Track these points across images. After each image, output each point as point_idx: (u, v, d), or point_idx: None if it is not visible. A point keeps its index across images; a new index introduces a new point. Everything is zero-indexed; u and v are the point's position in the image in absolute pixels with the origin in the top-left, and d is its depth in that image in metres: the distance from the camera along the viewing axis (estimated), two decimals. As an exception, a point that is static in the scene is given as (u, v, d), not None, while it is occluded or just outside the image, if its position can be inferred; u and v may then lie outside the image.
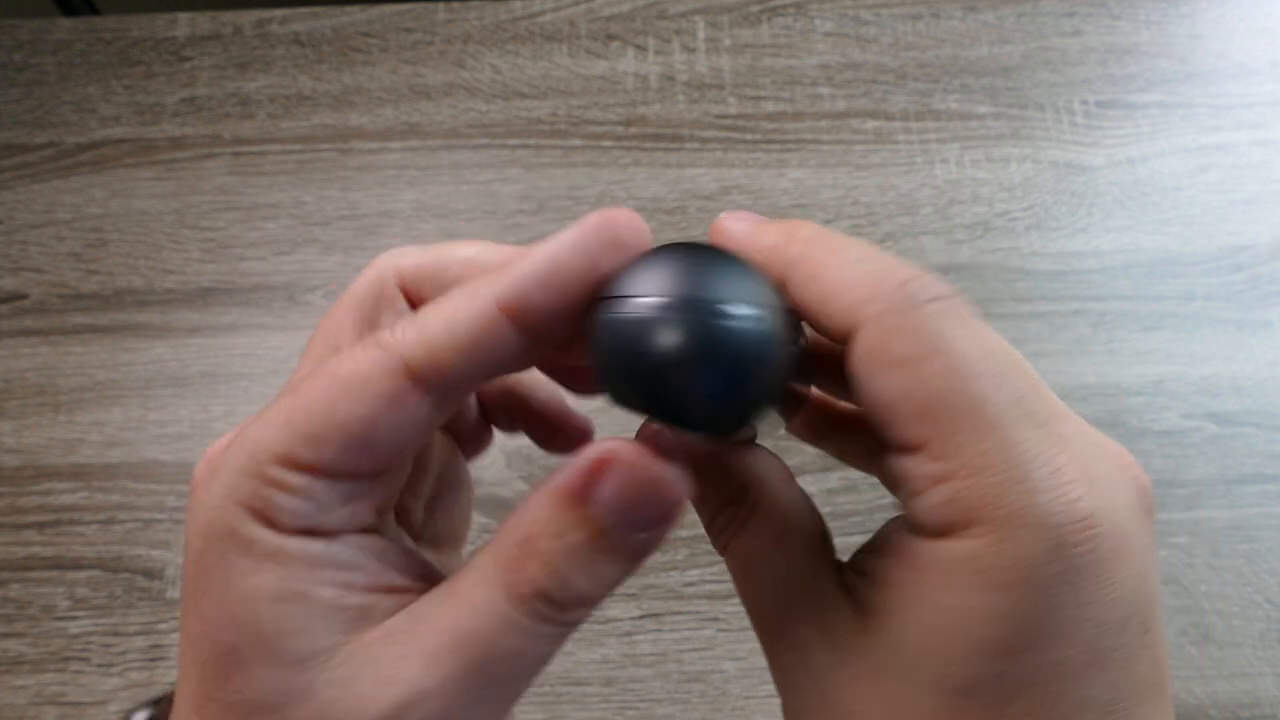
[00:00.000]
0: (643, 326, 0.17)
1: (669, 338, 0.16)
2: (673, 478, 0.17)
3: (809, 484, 0.48)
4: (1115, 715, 0.16)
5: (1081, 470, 0.16)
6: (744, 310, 0.17)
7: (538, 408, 0.24)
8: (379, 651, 0.16)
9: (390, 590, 0.17)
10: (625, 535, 0.17)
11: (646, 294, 0.17)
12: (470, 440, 0.24)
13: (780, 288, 0.18)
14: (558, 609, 0.17)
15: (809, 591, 0.18)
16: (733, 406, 0.17)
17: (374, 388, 0.16)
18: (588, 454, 0.16)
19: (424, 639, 0.16)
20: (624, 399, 0.18)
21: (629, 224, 0.17)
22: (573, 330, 0.18)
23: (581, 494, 0.16)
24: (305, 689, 0.16)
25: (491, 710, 0.17)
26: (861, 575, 0.18)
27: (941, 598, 0.16)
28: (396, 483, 0.19)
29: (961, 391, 0.16)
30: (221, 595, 0.16)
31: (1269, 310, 0.52)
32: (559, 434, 0.25)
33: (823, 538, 0.20)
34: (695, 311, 0.16)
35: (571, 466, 0.17)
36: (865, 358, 0.17)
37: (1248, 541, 0.47)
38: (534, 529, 0.17)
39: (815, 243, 0.18)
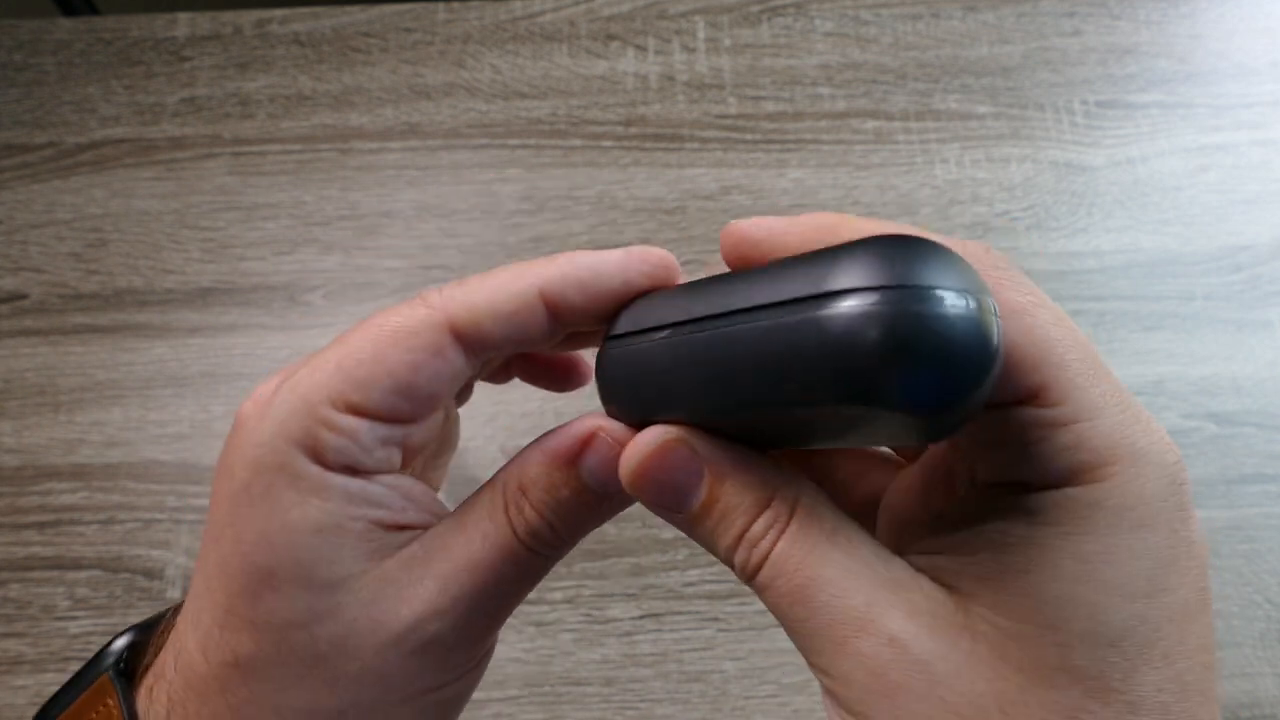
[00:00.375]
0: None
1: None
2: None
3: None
4: (1210, 658, 0.16)
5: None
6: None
7: (545, 355, 0.26)
8: (398, 576, 0.19)
9: (408, 526, 0.20)
10: (603, 495, 0.20)
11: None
12: (460, 391, 0.26)
13: None
14: (546, 545, 0.20)
15: (885, 582, 0.17)
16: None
17: (421, 339, 0.19)
18: (578, 427, 0.20)
19: (438, 565, 0.19)
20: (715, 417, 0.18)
21: (662, 262, 0.20)
22: (593, 328, 0.21)
23: (571, 459, 0.20)
24: (333, 609, 0.18)
25: (488, 625, 0.20)
26: (934, 555, 0.17)
27: (1080, 544, 0.15)
28: (428, 431, 0.20)
29: (1075, 336, 0.16)
30: (264, 523, 0.18)
31: (1269, 310, 0.52)
32: (563, 375, 0.27)
33: (870, 526, 0.19)
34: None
35: (564, 433, 0.20)
36: None
37: (1248, 541, 0.47)
38: (531, 480, 0.20)
39: (866, 223, 0.18)
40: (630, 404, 0.20)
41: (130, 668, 0.21)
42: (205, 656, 0.19)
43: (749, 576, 0.18)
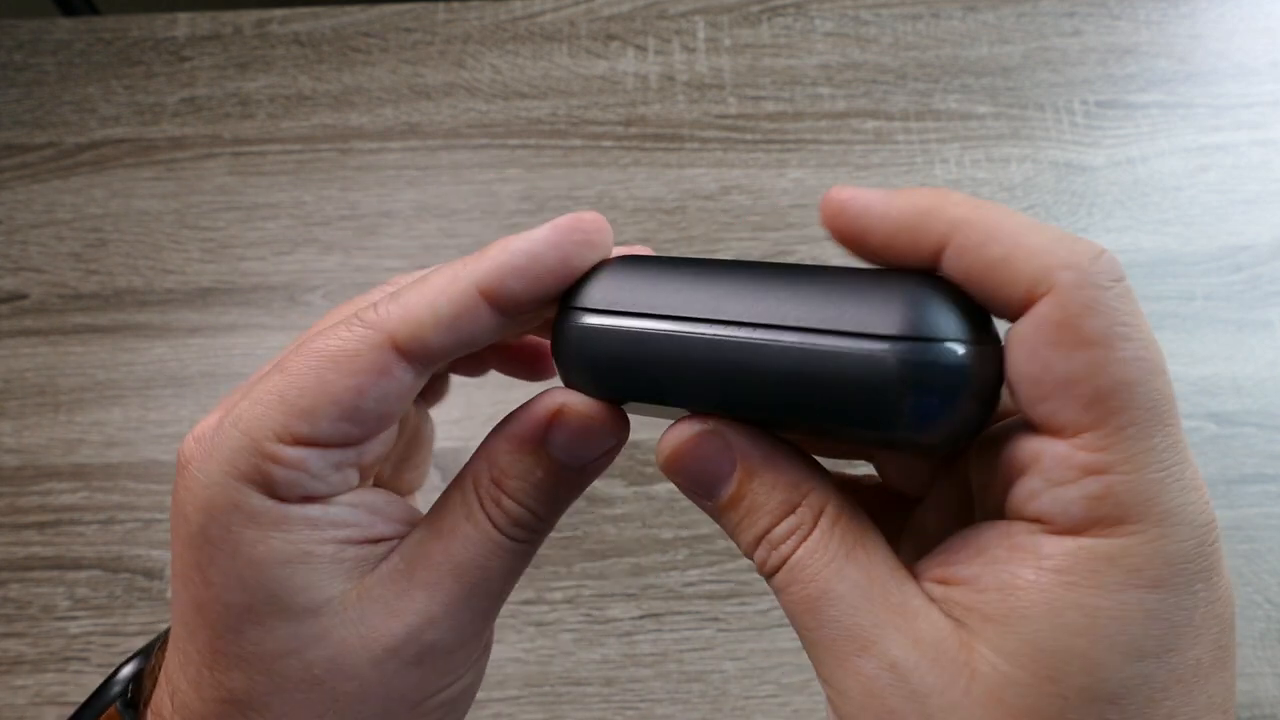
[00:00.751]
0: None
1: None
2: (612, 420, 0.20)
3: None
4: (1228, 715, 0.16)
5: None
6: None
7: (516, 344, 0.26)
8: (382, 591, 0.19)
9: (380, 539, 0.20)
10: (578, 469, 0.20)
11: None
12: (431, 391, 0.25)
13: (930, 253, 0.17)
14: (529, 531, 0.20)
15: (895, 607, 0.16)
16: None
17: (362, 361, 0.18)
18: (540, 407, 0.19)
19: (422, 574, 0.19)
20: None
21: (594, 226, 0.19)
22: (539, 313, 0.20)
23: (539, 440, 0.19)
24: (321, 633, 0.18)
25: (484, 621, 0.20)
26: (948, 584, 0.17)
27: (1087, 598, 0.15)
28: (383, 446, 0.20)
29: (1150, 381, 0.15)
30: (229, 563, 0.18)
31: (1269, 310, 0.52)
32: (530, 363, 0.26)
33: (892, 546, 0.19)
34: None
35: (527, 416, 0.19)
36: (1053, 328, 0.15)
37: (1248, 541, 0.47)
38: (502, 469, 0.20)
39: (982, 206, 0.17)
40: (607, 383, 0.19)
41: (135, 699, 0.21)
42: (200, 695, 0.19)
43: (766, 575, 0.18)
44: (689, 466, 0.19)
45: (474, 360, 0.25)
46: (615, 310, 0.19)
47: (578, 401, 0.19)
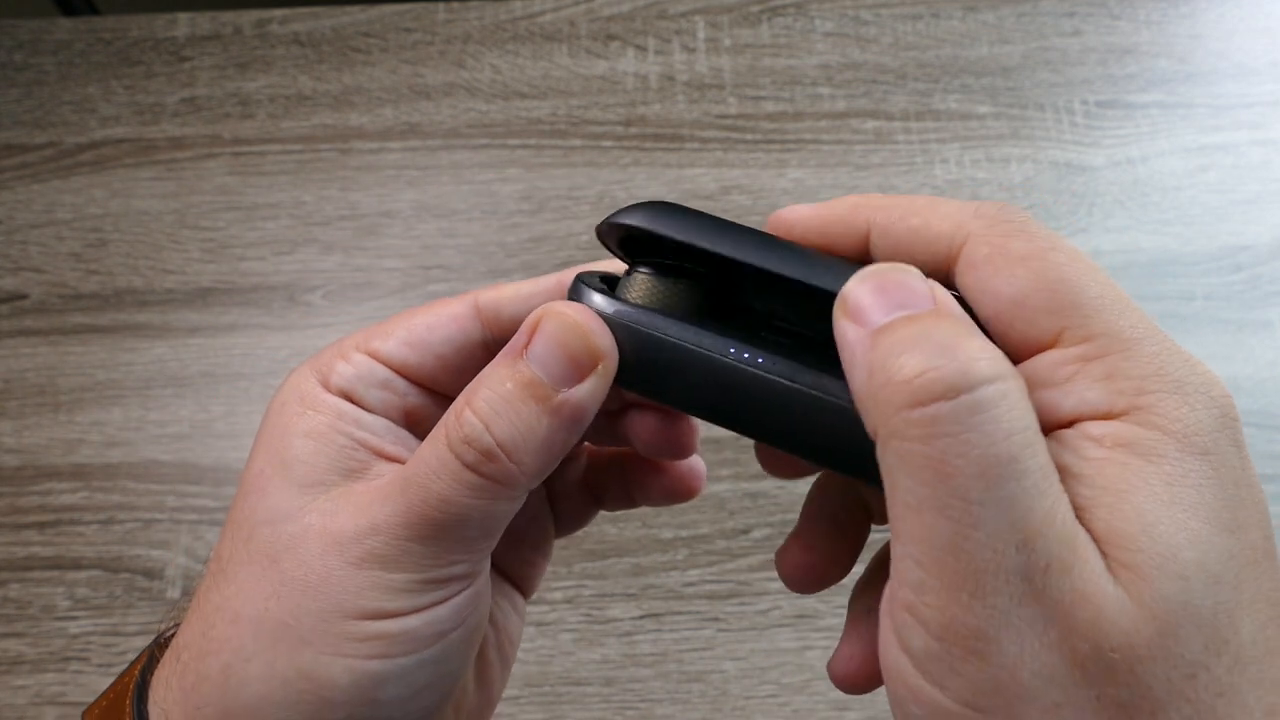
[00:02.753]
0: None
1: None
2: (599, 331, 0.19)
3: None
4: (1276, 609, 0.15)
5: None
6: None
7: (646, 459, 0.26)
8: (359, 494, 0.20)
9: (393, 458, 0.21)
10: (550, 387, 0.19)
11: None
12: (570, 517, 0.27)
13: (859, 238, 0.19)
14: (483, 457, 0.18)
15: (1062, 501, 0.15)
16: None
17: (446, 307, 0.22)
18: (533, 313, 0.19)
19: (388, 483, 0.20)
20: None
21: None
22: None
23: (519, 348, 0.19)
24: (298, 510, 0.20)
25: (432, 552, 0.19)
26: None
27: (1161, 468, 0.15)
28: (426, 407, 0.22)
29: (1093, 275, 0.16)
30: (270, 431, 0.21)
31: (1269, 310, 0.52)
32: (679, 483, 0.26)
33: None
34: None
35: (521, 325, 0.19)
36: (984, 262, 0.17)
37: (1248, 541, 0.47)
38: (479, 383, 0.19)
39: (897, 195, 0.19)
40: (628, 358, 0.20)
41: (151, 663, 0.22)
42: (206, 564, 0.21)
43: (934, 395, 0.15)
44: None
45: (623, 494, 0.26)
46: (639, 304, 0.20)
47: (564, 306, 0.19)
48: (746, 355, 0.18)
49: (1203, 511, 0.14)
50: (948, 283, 0.17)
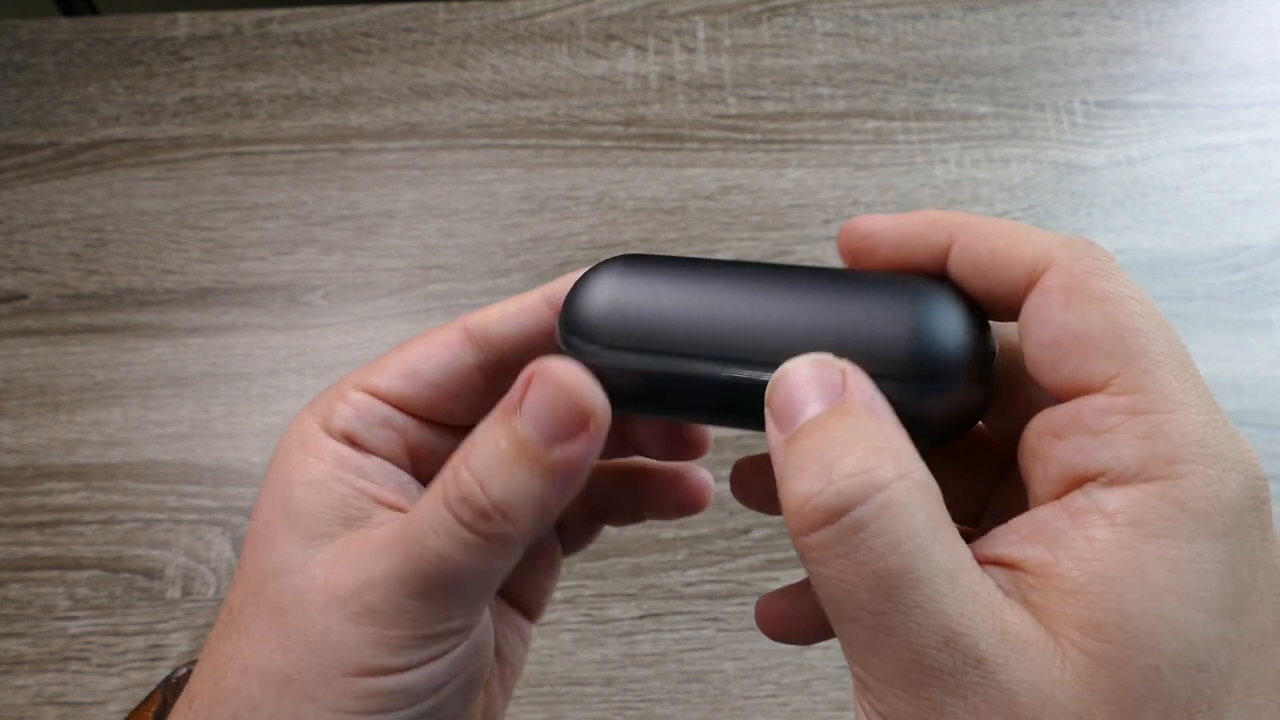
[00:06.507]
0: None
1: None
2: (589, 392, 0.18)
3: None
4: None
5: None
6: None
7: (656, 469, 0.26)
8: (360, 546, 0.20)
9: (394, 506, 0.21)
10: (543, 446, 0.18)
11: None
12: (576, 537, 0.27)
13: (939, 253, 0.19)
14: (479, 516, 0.18)
15: (981, 597, 0.15)
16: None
17: (434, 335, 0.22)
18: (525, 370, 0.19)
19: (386, 537, 0.19)
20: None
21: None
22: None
23: (513, 407, 0.19)
24: (303, 563, 0.20)
25: (428, 608, 0.19)
26: (1012, 569, 0.16)
27: (1168, 549, 0.14)
28: (429, 440, 0.22)
29: (1163, 331, 0.16)
30: (274, 480, 0.21)
31: (1269, 310, 0.52)
32: (680, 490, 0.26)
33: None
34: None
35: (514, 384, 0.19)
36: (1060, 291, 0.17)
37: (1248, 541, 0.47)
38: (475, 441, 0.19)
39: (977, 216, 0.19)
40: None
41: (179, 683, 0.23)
42: (219, 616, 0.21)
43: (814, 525, 0.15)
44: (792, 386, 0.17)
45: (630, 508, 0.26)
46: (624, 347, 0.20)
47: (556, 365, 0.18)
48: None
49: (1202, 597, 0.14)
50: (1017, 310, 0.18)
